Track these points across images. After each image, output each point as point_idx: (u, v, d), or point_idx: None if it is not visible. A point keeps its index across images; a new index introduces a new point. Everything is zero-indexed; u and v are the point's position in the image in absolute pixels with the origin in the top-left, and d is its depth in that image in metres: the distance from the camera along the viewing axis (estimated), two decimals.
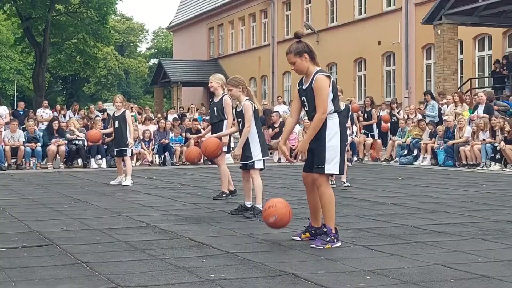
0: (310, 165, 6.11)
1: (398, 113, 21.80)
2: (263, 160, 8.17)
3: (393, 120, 21.15)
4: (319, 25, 33.48)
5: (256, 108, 8.24)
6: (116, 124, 12.59)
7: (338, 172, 6.02)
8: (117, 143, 12.79)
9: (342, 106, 12.14)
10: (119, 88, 68.57)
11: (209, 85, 10.03)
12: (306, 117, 15.37)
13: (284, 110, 24.27)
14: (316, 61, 6.09)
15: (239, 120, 8.29)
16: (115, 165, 18.21)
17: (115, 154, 13.17)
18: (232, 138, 11.05)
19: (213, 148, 8.68)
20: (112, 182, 12.97)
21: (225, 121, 9.76)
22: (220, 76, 10.03)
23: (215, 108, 9.89)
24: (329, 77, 5.99)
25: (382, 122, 20.66)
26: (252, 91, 9.08)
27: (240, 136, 8.33)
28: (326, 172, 5.97)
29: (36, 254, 5.76)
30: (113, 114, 12.93)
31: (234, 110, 8.67)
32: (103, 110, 26.09)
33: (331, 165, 5.96)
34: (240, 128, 8.29)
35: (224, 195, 9.99)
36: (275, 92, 36.64)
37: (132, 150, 13.17)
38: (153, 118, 23.08)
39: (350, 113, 13.74)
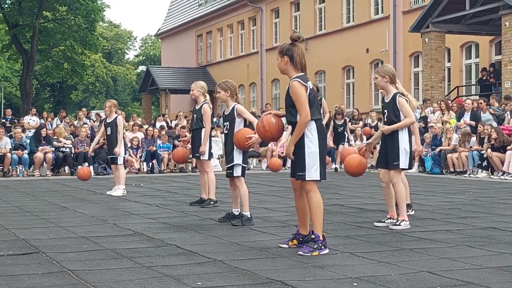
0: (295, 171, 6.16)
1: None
2: (242, 167, 8.10)
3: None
4: (307, 33, 33.57)
5: None
6: (108, 131, 12.15)
7: (318, 178, 6.05)
8: (109, 150, 12.36)
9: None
10: (106, 95, 68.39)
11: (191, 92, 10.09)
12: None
13: None
14: (300, 68, 6.11)
15: (225, 123, 8.27)
16: (103, 172, 18.27)
17: (109, 161, 12.76)
18: (220, 145, 11.09)
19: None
20: (108, 192, 12.36)
21: (203, 129, 9.85)
22: (202, 84, 10.06)
23: (195, 116, 10.03)
24: (304, 85, 6.01)
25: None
26: (241, 98, 9.07)
27: (225, 139, 8.32)
28: (307, 179, 6.03)
29: (22, 262, 5.73)
30: (105, 120, 12.48)
31: (222, 115, 8.66)
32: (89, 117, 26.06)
33: (312, 172, 6.02)
34: (225, 132, 8.26)
35: (212, 203, 9.98)
36: (264, 100, 36.68)
37: (124, 157, 12.72)
38: (141, 125, 23.01)
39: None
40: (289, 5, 35.89)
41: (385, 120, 7.64)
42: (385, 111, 7.60)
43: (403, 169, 7.63)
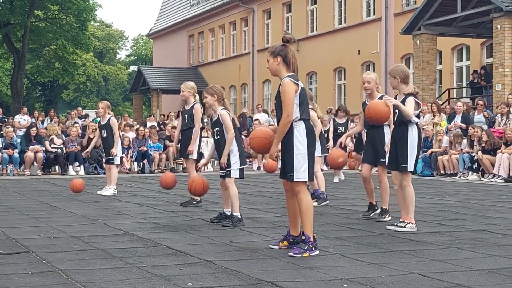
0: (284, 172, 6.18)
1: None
2: (240, 169, 8.08)
3: None
4: (299, 34, 33.61)
5: (232, 117, 8.20)
6: (104, 133, 12.04)
7: (307, 179, 6.06)
8: (106, 152, 12.26)
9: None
10: (98, 95, 68.22)
11: (181, 93, 10.10)
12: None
13: (267, 119, 24.24)
14: (292, 68, 6.13)
15: (215, 129, 8.22)
16: (93, 172, 18.24)
17: (105, 162, 12.70)
18: (210, 146, 11.02)
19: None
20: (98, 192, 12.27)
21: (193, 129, 9.90)
22: (192, 85, 10.11)
23: (185, 116, 10.09)
24: (295, 83, 6.02)
25: None
26: (231, 99, 9.05)
27: (217, 145, 8.28)
28: (295, 179, 6.04)
29: (12, 261, 5.71)
30: (99, 123, 12.34)
31: (209, 120, 8.59)
32: (84, 116, 25.97)
33: (300, 173, 6.03)
34: (216, 137, 8.21)
35: (195, 202, 10.01)
36: (255, 100, 36.69)
37: (121, 157, 12.65)
38: (132, 125, 22.96)
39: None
40: (281, 6, 35.92)
41: (395, 120, 7.53)
42: (396, 110, 7.46)
43: (412, 172, 7.62)
